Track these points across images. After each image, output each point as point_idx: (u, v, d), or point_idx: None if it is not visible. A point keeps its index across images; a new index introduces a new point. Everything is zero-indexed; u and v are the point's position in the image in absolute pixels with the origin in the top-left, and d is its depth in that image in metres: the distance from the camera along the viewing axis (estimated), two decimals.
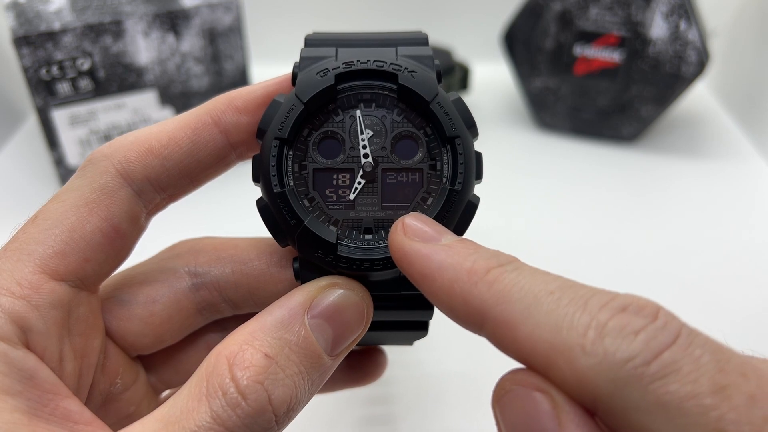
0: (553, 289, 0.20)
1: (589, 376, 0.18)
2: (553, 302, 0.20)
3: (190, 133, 0.28)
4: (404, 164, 0.27)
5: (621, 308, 0.19)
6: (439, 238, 0.23)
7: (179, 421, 0.22)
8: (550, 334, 0.19)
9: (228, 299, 0.31)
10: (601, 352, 0.18)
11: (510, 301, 0.20)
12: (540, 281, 0.21)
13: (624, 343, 0.18)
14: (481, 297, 0.21)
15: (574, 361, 0.19)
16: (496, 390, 0.22)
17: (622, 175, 0.70)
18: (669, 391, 0.17)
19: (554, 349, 0.19)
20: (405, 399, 0.46)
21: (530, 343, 0.20)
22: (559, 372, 0.19)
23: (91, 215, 0.26)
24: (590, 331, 0.19)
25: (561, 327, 0.19)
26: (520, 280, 0.21)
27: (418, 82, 0.27)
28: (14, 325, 0.23)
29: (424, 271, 0.23)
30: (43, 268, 0.25)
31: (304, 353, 0.24)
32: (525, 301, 0.20)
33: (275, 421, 0.23)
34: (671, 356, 0.18)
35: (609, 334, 0.19)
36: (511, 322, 0.20)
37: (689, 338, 0.18)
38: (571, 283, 0.21)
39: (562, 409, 0.19)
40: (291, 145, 0.27)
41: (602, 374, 0.18)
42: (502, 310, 0.20)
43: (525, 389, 0.20)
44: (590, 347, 0.19)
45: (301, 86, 0.27)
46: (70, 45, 0.58)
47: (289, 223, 0.27)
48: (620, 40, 0.67)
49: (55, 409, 0.23)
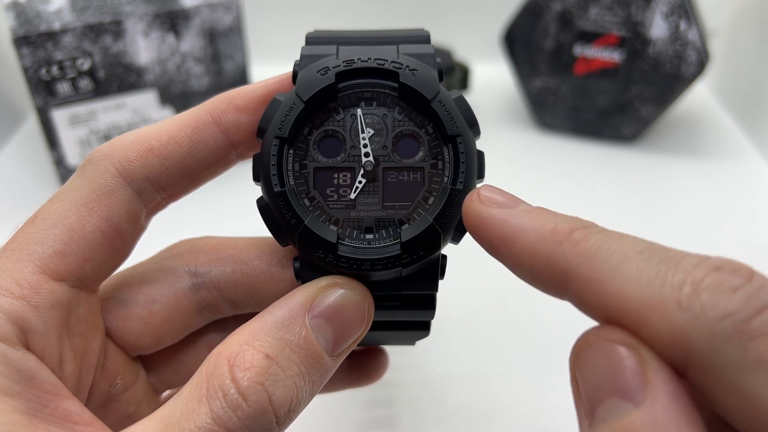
0: (642, 249, 0.20)
1: (684, 331, 0.18)
2: (644, 260, 0.19)
3: (190, 133, 0.28)
4: (405, 163, 0.27)
5: (716, 267, 0.19)
6: (516, 205, 0.23)
7: (179, 422, 0.22)
8: (642, 291, 0.19)
9: (228, 299, 0.31)
10: (698, 306, 0.18)
11: (598, 260, 0.20)
12: (628, 242, 0.20)
13: (723, 298, 0.18)
14: (565, 256, 0.21)
15: (669, 316, 0.18)
16: (577, 346, 0.21)
17: (622, 175, 0.70)
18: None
19: (647, 305, 0.19)
20: (406, 401, 0.46)
21: (620, 299, 0.19)
22: (652, 328, 0.19)
23: (91, 215, 0.26)
24: (686, 286, 0.18)
25: (654, 283, 0.19)
26: (607, 240, 0.21)
27: (419, 81, 0.27)
28: (14, 325, 0.23)
29: (504, 235, 0.22)
30: (43, 268, 0.25)
31: (305, 353, 0.24)
32: (613, 260, 0.20)
33: (276, 422, 0.23)
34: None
35: (706, 290, 0.18)
36: (599, 280, 0.20)
37: None
38: (660, 245, 0.20)
39: (650, 366, 0.19)
40: (291, 144, 0.27)
41: (699, 329, 0.18)
42: (589, 268, 0.20)
43: (611, 343, 0.20)
44: (686, 302, 0.18)
45: (302, 85, 0.27)
46: (70, 45, 0.58)
47: (289, 222, 0.26)
48: (620, 40, 0.67)
49: (54, 409, 0.23)
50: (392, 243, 0.26)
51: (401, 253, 0.26)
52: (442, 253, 0.28)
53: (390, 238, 0.27)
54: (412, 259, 0.26)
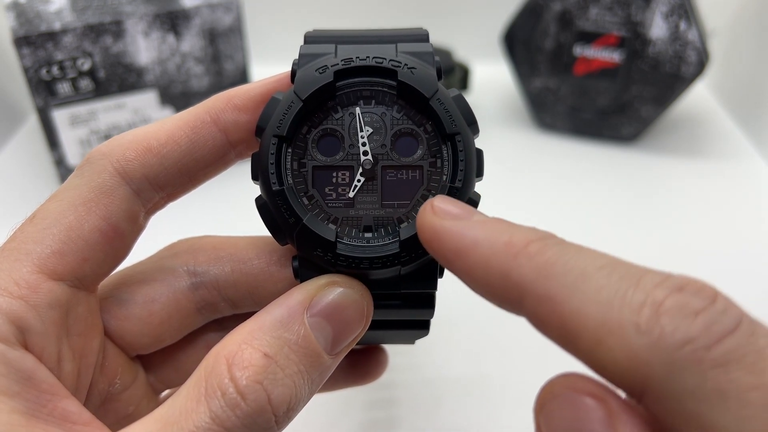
0: (602, 264, 0.19)
1: (642, 357, 0.17)
2: (604, 277, 0.19)
3: (188, 132, 0.28)
4: (404, 161, 0.27)
5: (678, 288, 0.18)
6: (470, 216, 0.23)
7: (178, 421, 0.22)
8: (600, 311, 0.18)
9: (227, 298, 0.31)
10: (657, 331, 0.17)
11: (554, 275, 0.19)
12: (587, 256, 0.19)
13: (683, 324, 0.17)
14: (520, 270, 0.20)
15: (627, 339, 0.17)
16: (541, 394, 0.20)
17: (622, 175, 0.70)
18: (731, 379, 0.16)
19: (604, 326, 0.18)
20: (405, 402, 0.46)
21: (577, 320, 0.18)
22: (609, 351, 0.18)
23: (90, 214, 0.26)
24: (645, 308, 0.18)
25: (613, 303, 0.18)
26: (564, 254, 0.20)
27: (417, 79, 0.27)
28: (12, 325, 0.23)
29: (458, 248, 0.21)
30: (41, 268, 0.25)
31: (304, 352, 0.24)
32: (571, 276, 0.19)
33: (275, 421, 0.23)
34: (734, 343, 0.17)
35: (666, 313, 0.17)
36: (555, 298, 0.19)
37: (752, 327, 0.17)
38: (620, 261, 0.19)
39: (619, 419, 0.18)
40: (290, 142, 0.27)
41: (657, 355, 0.17)
42: (545, 284, 0.19)
43: (577, 394, 0.19)
44: (645, 326, 0.17)
45: (300, 83, 0.27)
46: (71, 45, 0.58)
47: (288, 221, 0.26)
48: (620, 40, 0.67)
49: (53, 409, 0.23)
50: (391, 241, 0.26)
51: (400, 251, 0.26)
52: None
53: (389, 237, 0.27)
54: (411, 257, 0.26)
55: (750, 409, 0.16)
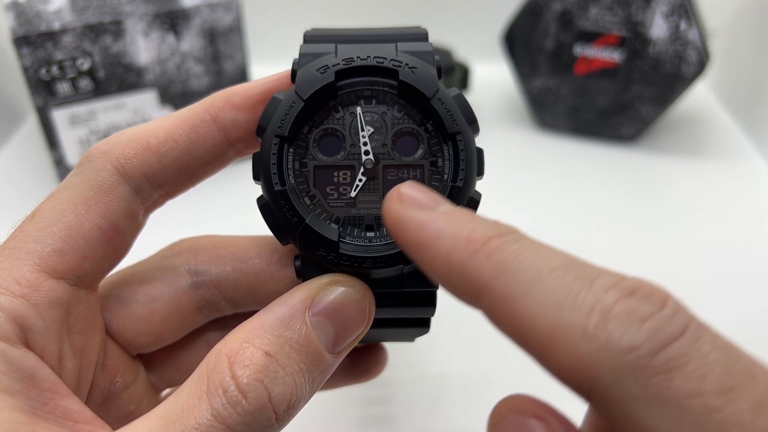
0: (557, 265, 0.19)
1: (588, 362, 0.17)
2: (557, 279, 0.19)
3: (188, 130, 0.27)
4: (405, 161, 0.27)
5: (629, 292, 0.18)
6: (436, 206, 0.22)
7: (180, 418, 0.22)
8: (550, 313, 0.18)
9: (228, 297, 0.31)
10: (604, 337, 0.17)
11: (510, 274, 0.19)
12: (543, 255, 0.19)
13: (629, 330, 0.17)
14: (478, 268, 0.20)
15: (575, 344, 0.18)
16: (491, 416, 0.21)
17: (622, 175, 0.70)
18: (672, 386, 0.17)
19: (554, 329, 0.18)
20: (405, 399, 0.46)
21: (529, 320, 0.18)
22: (557, 354, 0.18)
23: (89, 213, 0.26)
24: (594, 313, 0.18)
25: (563, 306, 0.18)
26: (522, 252, 0.19)
27: (418, 78, 0.27)
28: (13, 323, 0.23)
29: (420, 239, 0.21)
30: (42, 267, 0.25)
31: (305, 351, 0.24)
32: (526, 275, 0.19)
33: (275, 418, 0.23)
34: (678, 349, 0.17)
35: (614, 318, 0.17)
36: (509, 297, 0.19)
37: (698, 332, 0.17)
38: (576, 261, 0.19)
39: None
40: (291, 142, 0.27)
41: (603, 361, 0.17)
42: (501, 282, 0.19)
43: (521, 416, 0.19)
44: (593, 331, 0.17)
45: (301, 83, 0.27)
46: (70, 45, 0.58)
47: (290, 221, 0.26)
48: (620, 40, 0.67)
49: (54, 408, 0.23)
50: (393, 241, 0.26)
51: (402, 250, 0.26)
52: None
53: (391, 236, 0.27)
54: None
55: (690, 416, 0.16)
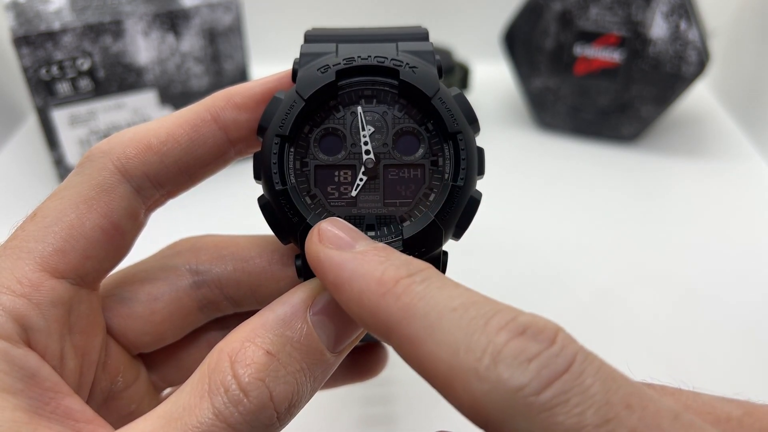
0: (456, 306, 0.20)
1: (481, 402, 0.18)
2: (455, 320, 0.19)
3: (189, 130, 0.27)
4: (406, 160, 0.27)
5: (519, 331, 0.19)
6: (354, 245, 0.23)
7: (181, 417, 0.22)
8: (448, 355, 0.19)
9: (229, 297, 0.31)
10: (494, 378, 0.18)
11: (415, 317, 0.20)
12: (445, 296, 0.20)
13: (518, 371, 0.18)
14: (388, 310, 0.20)
15: (470, 384, 0.18)
16: None
17: (622, 175, 0.70)
18: (556, 422, 0.17)
19: (451, 371, 0.19)
20: (405, 398, 0.46)
21: (431, 362, 0.19)
22: (456, 394, 0.19)
23: (91, 212, 0.26)
24: (486, 355, 0.18)
25: (458, 348, 0.19)
26: (427, 294, 0.20)
27: (419, 78, 0.27)
28: (15, 323, 0.23)
29: (336, 281, 0.22)
30: (43, 266, 0.25)
31: (306, 350, 0.24)
32: (429, 318, 0.19)
33: (277, 418, 0.23)
34: (561, 386, 0.17)
35: (503, 360, 0.18)
36: (414, 339, 0.20)
37: (582, 366, 0.18)
38: (475, 299, 0.20)
39: None
40: (292, 142, 0.27)
41: (494, 401, 0.18)
42: (406, 325, 0.20)
43: None
44: (484, 372, 0.18)
45: (302, 83, 0.27)
46: (70, 45, 0.58)
47: (291, 220, 0.26)
48: (620, 40, 0.67)
49: (56, 407, 0.23)
50: (394, 240, 0.26)
51: (403, 250, 0.26)
52: (443, 249, 0.28)
53: (392, 235, 0.27)
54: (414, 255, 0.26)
55: None
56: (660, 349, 0.50)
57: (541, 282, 0.56)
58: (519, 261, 0.58)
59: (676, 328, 0.52)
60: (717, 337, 0.51)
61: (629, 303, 0.54)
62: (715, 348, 0.50)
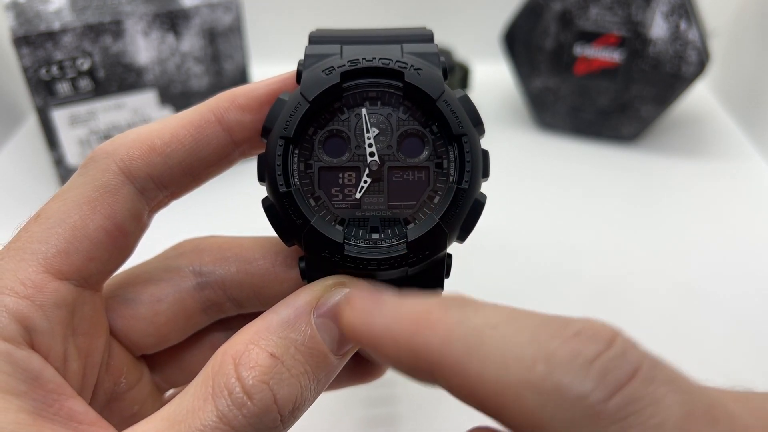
0: (497, 323, 0.18)
1: (539, 417, 0.16)
2: (498, 336, 0.18)
3: (193, 131, 0.27)
4: (410, 162, 0.27)
5: (573, 334, 0.17)
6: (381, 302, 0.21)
7: (185, 420, 0.22)
8: (495, 371, 0.17)
9: (233, 298, 0.31)
10: (550, 387, 0.16)
11: (455, 341, 0.18)
12: (484, 315, 0.19)
13: (578, 376, 0.16)
14: (426, 342, 0.19)
15: (524, 399, 0.17)
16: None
17: (623, 175, 0.70)
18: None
19: (500, 387, 0.17)
20: (408, 400, 0.46)
21: (479, 385, 0.17)
22: (510, 413, 0.17)
23: (94, 213, 0.26)
24: (538, 363, 0.17)
25: (506, 361, 0.17)
26: (464, 318, 0.19)
27: (424, 80, 0.27)
28: (18, 325, 0.23)
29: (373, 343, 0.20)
30: (47, 268, 0.24)
31: (310, 353, 0.24)
32: (470, 340, 0.18)
33: (281, 420, 0.23)
34: (631, 393, 0.16)
35: (560, 366, 0.16)
36: (457, 366, 0.18)
37: (652, 372, 0.17)
38: (518, 314, 0.19)
39: None
40: (296, 143, 0.27)
41: (555, 414, 0.16)
42: (448, 354, 0.18)
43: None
44: (539, 382, 0.16)
45: (307, 84, 0.27)
46: (70, 45, 0.58)
47: (295, 222, 0.26)
48: (620, 40, 0.67)
49: (59, 409, 0.23)
50: (398, 242, 0.26)
51: (407, 252, 0.26)
52: (447, 252, 0.28)
53: (396, 238, 0.27)
54: (419, 258, 0.26)
55: None
56: (660, 349, 0.49)
57: (541, 282, 0.56)
58: (519, 261, 0.58)
59: (677, 327, 0.52)
60: (717, 336, 0.51)
61: (629, 303, 0.54)
62: (715, 348, 0.50)
